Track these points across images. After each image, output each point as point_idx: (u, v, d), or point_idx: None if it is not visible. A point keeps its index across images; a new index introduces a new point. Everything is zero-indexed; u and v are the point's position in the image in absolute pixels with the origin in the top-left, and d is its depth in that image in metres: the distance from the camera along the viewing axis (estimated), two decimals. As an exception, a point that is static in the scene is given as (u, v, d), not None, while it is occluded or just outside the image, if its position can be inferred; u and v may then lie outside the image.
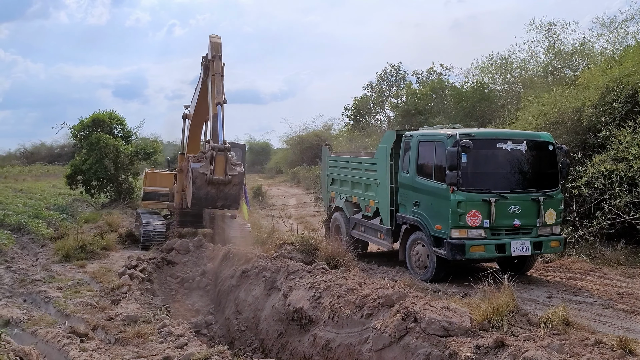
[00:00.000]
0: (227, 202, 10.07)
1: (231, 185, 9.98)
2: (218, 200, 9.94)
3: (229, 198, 10.07)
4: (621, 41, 16.90)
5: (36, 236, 14.97)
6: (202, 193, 9.75)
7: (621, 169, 11.13)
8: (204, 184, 9.76)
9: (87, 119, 22.84)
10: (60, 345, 6.92)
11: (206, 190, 9.80)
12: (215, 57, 10.85)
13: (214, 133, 10.01)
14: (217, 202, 9.98)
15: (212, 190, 9.84)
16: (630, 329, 7.06)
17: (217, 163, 9.73)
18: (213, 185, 9.79)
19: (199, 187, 9.70)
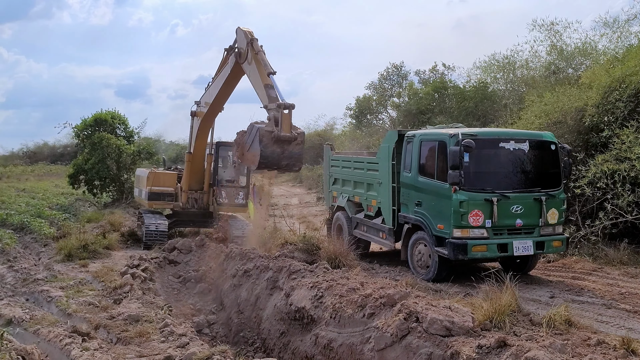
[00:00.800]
0: (291, 161, 9.99)
1: (295, 144, 9.94)
2: (283, 159, 9.89)
3: (293, 157, 9.99)
4: (624, 40, 16.89)
5: (39, 235, 15.01)
6: (268, 152, 9.66)
7: (624, 169, 11.11)
8: (270, 142, 9.67)
9: (89, 119, 22.91)
10: (62, 345, 6.94)
11: (272, 149, 9.72)
12: (252, 39, 11.06)
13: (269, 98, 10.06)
14: (282, 162, 9.90)
15: (278, 149, 9.77)
16: (632, 329, 7.03)
17: (283, 120, 9.70)
18: (279, 144, 9.72)
19: (266, 146, 9.63)
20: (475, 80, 22.97)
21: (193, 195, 15.64)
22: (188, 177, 15.39)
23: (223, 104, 14.16)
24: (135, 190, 18.28)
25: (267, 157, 9.68)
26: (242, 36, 11.55)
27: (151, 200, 15.72)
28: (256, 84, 10.80)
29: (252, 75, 11.11)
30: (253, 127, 9.94)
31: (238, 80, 12.80)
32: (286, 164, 9.92)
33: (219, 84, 13.29)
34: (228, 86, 13.10)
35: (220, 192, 15.61)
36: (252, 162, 9.96)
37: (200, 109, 14.67)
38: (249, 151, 9.98)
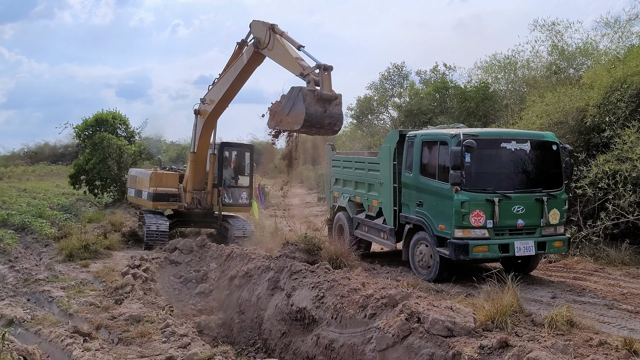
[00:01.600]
0: (333, 120, 10.23)
1: (335, 104, 10.21)
2: (325, 118, 10.14)
3: (334, 117, 10.24)
4: (625, 41, 16.88)
5: (40, 236, 15.00)
6: (312, 110, 9.91)
7: (625, 169, 11.10)
8: (313, 101, 9.97)
9: (90, 119, 22.92)
10: (63, 345, 6.94)
11: (315, 108, 10.00)
12: (273, 24, 11.56)
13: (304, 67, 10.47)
14: (325, 120, 10.14)
15: (320, 109, 10.04)
16: (634, 330, 7.03)
17: (324, 80, 10.05)
18: (321, 103, 10.01)
19: (309, 105, 9.92)
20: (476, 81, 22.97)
21: (196, 195, 15.60)
22: (193, 177, 15.30)
23: (231, 100, 14.24)
24: (130, 191, 17.96)
25: (311, 115, 9.92)
26: (259, 26, 11.97)
27: (156, 201, 15.59)
28: (286, 59, 11.17)
29: (278, 55, 11.46)
30: (294, 89, 10.20)
31: (252, 71, 13.12)
32: (328, 122, 10.16)
33: (229, 79, 13.40)
34: (240, 80, 13.32)
35: (228, 192, 15.64)
36: (296, 122, 10.09)
37: (205, 107, 14.58)
38: (289, 114, 10.18)
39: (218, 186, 15.65)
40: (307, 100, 9.93)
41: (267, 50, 11.67)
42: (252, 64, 12.65)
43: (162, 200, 15.59)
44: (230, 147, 16.53)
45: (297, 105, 10.04)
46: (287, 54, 11.14)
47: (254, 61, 12.54)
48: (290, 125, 10.34)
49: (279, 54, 11.41)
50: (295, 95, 10.09)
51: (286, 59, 11.17)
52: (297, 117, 10.00)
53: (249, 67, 12.82)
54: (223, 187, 15.65)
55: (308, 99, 9.95)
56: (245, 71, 12.97)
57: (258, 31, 12.03)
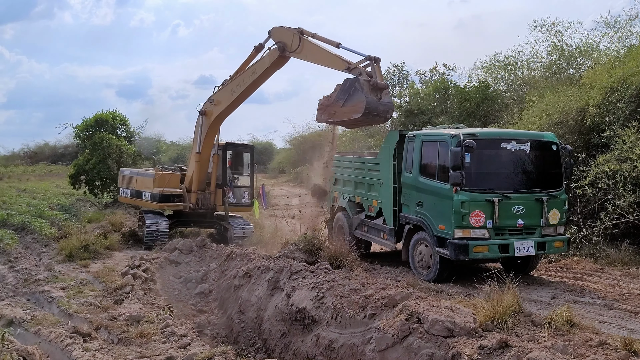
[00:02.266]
0: (386, 108, 11.02)
1: (385, 93, 10.96)
2: (380, 106, 10.85)
3: (387, 105, 11.01)
4: (625, 41, 16.88)
5: (39, 236, 15.00)
6: (370, 99, 10.60)
7: (625, 169, 11.10)
8: (369, 90, 10.63)
9: (90, 119, 22.92)
10: (63, 345, 6.95)
11: (372, 97, 10.67)
12: (300, 28, 12.33)
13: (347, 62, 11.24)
14: (380, 108, 10.88)
15: (374, 98, 10.73)
16: (634, 330, 7.03)
17: (376, 70, 10.87)
18: (376, 92, 10.70)
19: (367, 94, 10.61)
20: (476, 81, 22.94)
21: (199, 195, 15.61)
22: (198, 177, 15.28)
23: (243, 102, 14.48)
24: (123, 191, 17.62)
25: (370, 104, 10.52)
26: (283, 31, 12.71)
27: (162, 202, 15.50)
28: (324, 57, 11.98)
29: (313, 55, 12.23)
30: (348, 80, 10.86)
31: (271, 74, 13.67)
32: (383, 110, 10.86)
33: (245, 81, 13.71)
34: (258, 82, 13.79)
35: (233, 192, 15.66)
36: (355, 111, 10.66)
37: (212, 108, 14.57)
38: (345, 105, 10.80)
39: (222, 186, 15.66)
40: (364, 90, 10.55)
41: (296, 53, 12.39)
42: (274, 67, 13.25)
43: (167, 201, 15.55)
44: (232, 147, 16.54)
45: (354, 95, 10.67)
46: (325, 52, 11.96)
47: (276, 65, 13.17)
48: (348, 115, 10.85)
49: (313, 54, 12.20)
50: (352, 86, 10.73)
51: (325, 57, 11.97)
52: (356, 106, 10.60)
53: (270, 70, 13.39)
54: (229, 187, 15.67)
55: (365, 88, 10.58)
56: (266, 74, 13.54)
57: (282, 36, 12.70)
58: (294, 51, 12.44)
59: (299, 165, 38.30)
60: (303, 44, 12.26)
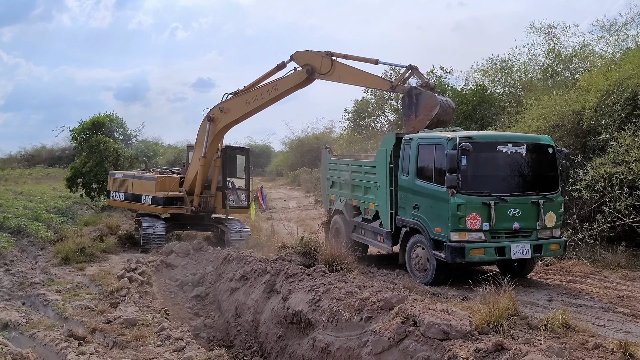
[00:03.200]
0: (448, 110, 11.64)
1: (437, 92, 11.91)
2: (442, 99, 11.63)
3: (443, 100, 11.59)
4: (621, 44, 16.91)
5: (36, 239, 14.95)
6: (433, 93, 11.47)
7: (621, 172, 11.11)
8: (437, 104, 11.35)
9: (87, 122, 22.89)
10: (58, 349, 6.92)
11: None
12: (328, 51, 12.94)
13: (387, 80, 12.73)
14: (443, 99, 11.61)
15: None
16: (630, 332, 7.03)
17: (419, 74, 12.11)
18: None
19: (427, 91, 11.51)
20: (473, 84, 22.96)
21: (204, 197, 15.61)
22: (201, 181, 15.28)
23: (257, 113, 14.68)
24: (116, 195, 17.27)
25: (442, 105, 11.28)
26: (309, 55, 13.16)
27: (167, 205, 15.43)
28: (361, 78, 12.69)
29: (347, 76, 12.79)
30: (405, 97, 11.71)
31: (293, 92, 14.07)
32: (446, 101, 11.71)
33: (265, 96, 14.00)
34: (277, 98, 14.10)
35: (234, 195, 15.70)
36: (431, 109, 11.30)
37: (221, 115, 14.57)
38: (418, 114, 11.45)
39: (223, 189, 15.66)
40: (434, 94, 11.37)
41: (327, 75, 12.89)
42: (297, 88, 13.74)
43: (172, 205, 15.50)
44: (231, 151, 16.55)
45: (420, 100, 11.40)
46: (361, 73, 12.55)
47: (300, 86, 13.64)
48: (428, 116, 11.33)
49: (348, 75, 12.74)
50: (412, 96, 11.53)
51: (363, 78, 12.65)
52: (428, 105, 11.28)
53: (292, 90, 13.85)
54: (232, 190, 15.69)
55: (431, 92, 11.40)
56: (287, 93, 13.94)
57: (309, 60, 13.12)
58: (324, 74, 12.84)
59: (297, 168, 38.32)
60: (335, 66, 12.71)
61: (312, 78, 13.16)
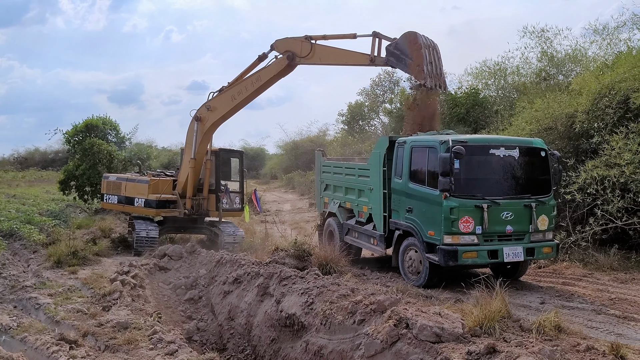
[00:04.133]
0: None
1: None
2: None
3: None
4: (613, 47, 17.02)
5: (28, 242, 14.88)
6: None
7: (613, 175, 11.16)
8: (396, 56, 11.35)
9: (80, 125, 22.81)
10: (49, 352, 6.88)
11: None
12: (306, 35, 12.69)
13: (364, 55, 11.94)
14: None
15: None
16: (622, 335, 7.05)
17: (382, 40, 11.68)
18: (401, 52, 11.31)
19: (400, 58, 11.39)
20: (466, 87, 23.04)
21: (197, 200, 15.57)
22: (192, 183, 15.21)
23: (243, 107, 14.60)
24: (109, 197, 17.20)
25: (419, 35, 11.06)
26: (289, 42, 12.96)
27: (159, 208, 15.39)
28: (341, 56, 12.40)
29: (327, 56, 12.65)
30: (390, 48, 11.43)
31: (276, 82, 13.95)
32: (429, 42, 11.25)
33: (248, 88, 13.83)
34: (261, 90, 13.99)
35: (228, 197, 15.62)
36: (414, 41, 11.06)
37: (208, 114, 14.45)
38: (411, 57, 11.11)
39: (216, 192, 15.62)
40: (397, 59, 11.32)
41: (308, 59, 12.70)
42: (280, 75, 13.51)
43: (165, 208, 15.45)
44: (224, 153, 16.50)
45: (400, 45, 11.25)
46: (340, 50, 12.37)
47: (283, 72, 13.41)
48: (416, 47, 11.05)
49: (328, 55, 12.63)
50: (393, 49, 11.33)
51: (342, 55, 12.39)
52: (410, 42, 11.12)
53: (275, 78, 13.65)
54: (225, 192, 15.63)
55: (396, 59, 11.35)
56: (270, 81, 13.76)
57: (289, 46, 12.95)
58: (304, 57, 12.71)
59: (291, 170, 38.32)
60: (314, 49, 12.56)
61: (294, 64, 13.06)
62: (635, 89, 11.91)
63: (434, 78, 11.05)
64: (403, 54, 11.20)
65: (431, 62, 11.01)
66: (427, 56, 10.92)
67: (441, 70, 11.36)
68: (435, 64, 11.13)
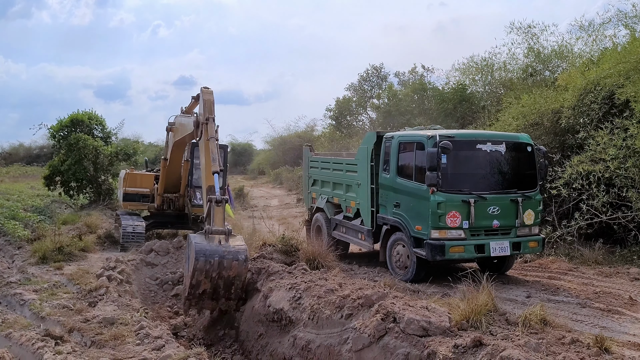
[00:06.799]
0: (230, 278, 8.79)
1: None
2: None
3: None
4: (599, 44, 17.14)
5: (13, 238, 14.69)
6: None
7: (599, 170, 11.27)
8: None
9: (65, 120, 22.53)
10: (34, 348, 6.80)
11: None
12: (209, 119, 10.12)
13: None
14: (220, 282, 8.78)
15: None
16: (606, 328, 7.13)
17: (215, 214, 9.09)
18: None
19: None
20: (454, 82, 23.14)
21: (169, 197, 15.53)
22: (163, 181, 15.26)
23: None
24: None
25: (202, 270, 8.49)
26: (202, 105, 10.44)
27: (125, 201, 15.62)
28: (202, 171, 10.01)
29: (201, 159, 10.43)
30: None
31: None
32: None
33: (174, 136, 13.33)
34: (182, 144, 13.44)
35: (195, 194, 15.42)
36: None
37: (175, 130, 13.56)
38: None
39: (187, 187, 15.57)
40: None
41: (201, 141, 10.35)
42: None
43: (131, 201, 15.59)
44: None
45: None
46: (204, 170, 9.90)
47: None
48: None
49: (201, 158, 10.34)
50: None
51: (203, 172, 10.04)
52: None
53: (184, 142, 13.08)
54: (190, 188, 15.47)
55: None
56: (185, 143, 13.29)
57: (202, 108, 10.48)
58: (198, 138, 10.55)
59: (279, 166, 38.26)
60: (206, 144, 9.96)
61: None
62: (620, 84, 12.02)
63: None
64: None
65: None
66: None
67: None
68: None
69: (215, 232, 8.76)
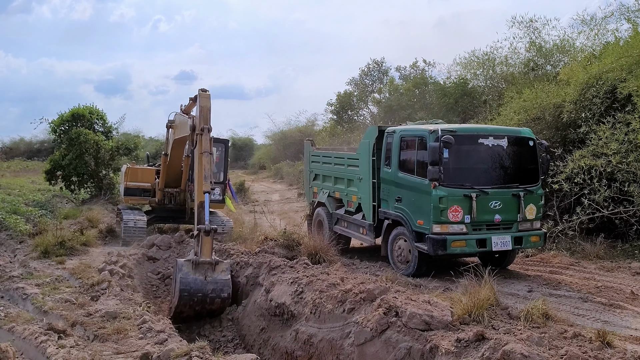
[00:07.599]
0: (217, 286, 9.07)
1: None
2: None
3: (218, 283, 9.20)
4: (601, 38, 17.11)
5: (14, 232, 14.70)
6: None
7: (600, 164, 11.26)
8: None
9: (66, 114, 22.51)
10: (37, 342, 6.81)
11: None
12: (204, 129, 9.69)
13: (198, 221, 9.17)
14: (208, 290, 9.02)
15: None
16: (608, 322, 7.14)
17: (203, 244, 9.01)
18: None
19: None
20: (455, 77, 23.10)
21: (170, 192, 15.53)
22: (164, 176, 15.25)
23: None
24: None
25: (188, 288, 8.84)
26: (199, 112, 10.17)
27: (126, 195, 15.60)
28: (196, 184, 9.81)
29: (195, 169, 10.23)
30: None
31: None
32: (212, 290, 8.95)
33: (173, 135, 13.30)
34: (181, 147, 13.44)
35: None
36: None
37: (175, 128, 13.53)
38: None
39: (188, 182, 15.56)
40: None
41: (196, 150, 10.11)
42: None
43: (132, 195, 15.59)
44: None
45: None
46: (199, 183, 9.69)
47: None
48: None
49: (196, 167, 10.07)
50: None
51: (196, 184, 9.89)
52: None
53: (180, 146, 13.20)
54: (191, 183, 15.46)
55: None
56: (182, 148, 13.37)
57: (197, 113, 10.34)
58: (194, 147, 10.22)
59: (279, 161, 38.23)
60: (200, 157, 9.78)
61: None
62: (622, 79, 12.00)
63: None
64: None
65: None
66: None
67: None
68: None
69: (202, 262, 8.96)
